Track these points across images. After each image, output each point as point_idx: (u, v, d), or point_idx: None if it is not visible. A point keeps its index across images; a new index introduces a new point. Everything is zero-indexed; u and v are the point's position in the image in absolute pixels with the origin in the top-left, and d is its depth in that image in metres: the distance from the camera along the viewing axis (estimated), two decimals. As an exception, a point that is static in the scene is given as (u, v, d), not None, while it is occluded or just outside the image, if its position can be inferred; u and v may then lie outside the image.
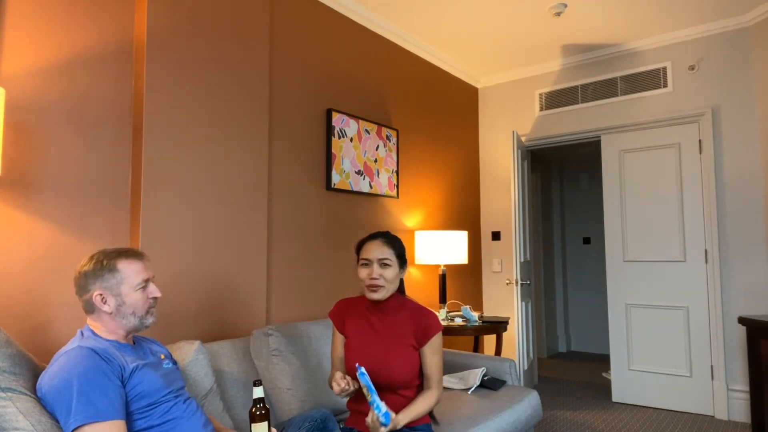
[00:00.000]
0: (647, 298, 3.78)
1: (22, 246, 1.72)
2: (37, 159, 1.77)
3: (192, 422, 1.41)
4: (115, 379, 1.27)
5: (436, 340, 1.71)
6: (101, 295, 1.37)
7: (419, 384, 1.78)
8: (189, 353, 1.80)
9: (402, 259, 1.75)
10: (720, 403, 3.44)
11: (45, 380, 1.26)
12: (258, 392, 1.44)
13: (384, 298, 1.71)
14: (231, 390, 1.96)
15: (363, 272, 1.72)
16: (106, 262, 1.39)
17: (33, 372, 1.36)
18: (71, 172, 1.86)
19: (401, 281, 1.81)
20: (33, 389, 1.29)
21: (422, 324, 1.71)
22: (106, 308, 1.37)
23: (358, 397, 1.78)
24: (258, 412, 1.43)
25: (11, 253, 1.69)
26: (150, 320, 1.45)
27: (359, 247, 1.76)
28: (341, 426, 1.81)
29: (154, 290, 1.46)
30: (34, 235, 1.75)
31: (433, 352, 1.71)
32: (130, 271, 1.40)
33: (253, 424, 1.42)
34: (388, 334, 1.73)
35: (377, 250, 1.70)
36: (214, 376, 1.84)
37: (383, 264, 1.69)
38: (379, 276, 1.68)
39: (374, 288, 1.69)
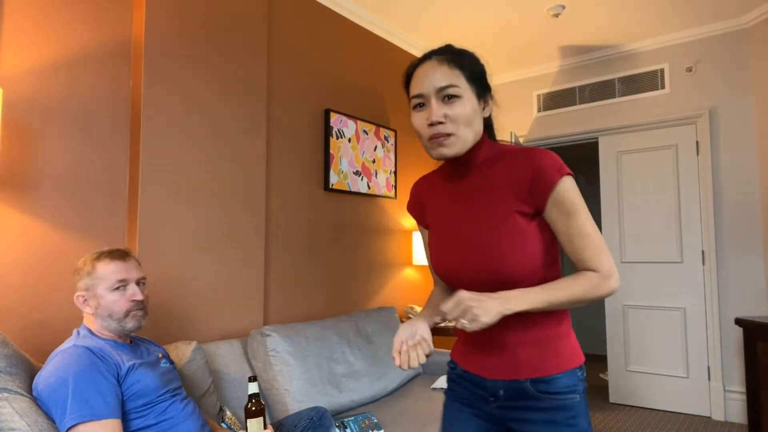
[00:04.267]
0: (644, 299, 3.78)
1: (19, 245, 1.71)
2: (34, 158, 1.77)
3: (188, 423, 1.40)
4: (111, 378, 1.27)
5: (562, 188, 1.00)
6: (82, 295, 1.39)
7: (552, 275, 1.09)
8: (186, 353, 1.79)
9: (480, 84, 1.07)
10: (717, 404, 3.44)
11: (40, 379, 1.26)
12: (253, 388, 1.44)
13: (461, 153, 1.04)
14: (228, 391, 1.96)
15: (418, 119, 1.06)
16: (87, 262, 1.41)
17: (29, 372, 1.36)
18: (69, 172, 1.85)
19: (488, 119, 1.12)
20: (29, 390, 1.29)
21: (530, 171, 1.02)
22: (87, 309, 1.39)
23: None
24: (253, 408, 1.43)
25: (8, 252, 1.68)
26: (131, 324, 1.39)
27: (408, 80, 1.10)
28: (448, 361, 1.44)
29: (134, 292, 1.40)
30: (31, 235, 1.74)
31: (565, 212, 1.01)
32: (106, 272, 1.39)
33: (248, 420, 1.43)
34: (480, 205, 1.08)
35: (432, 76, 1.03)
36: (211, 377, 1.84)
37: (447, 96, 1.02)
38: (443, 117, 1.02)
39: (439, 139, 1.03)
